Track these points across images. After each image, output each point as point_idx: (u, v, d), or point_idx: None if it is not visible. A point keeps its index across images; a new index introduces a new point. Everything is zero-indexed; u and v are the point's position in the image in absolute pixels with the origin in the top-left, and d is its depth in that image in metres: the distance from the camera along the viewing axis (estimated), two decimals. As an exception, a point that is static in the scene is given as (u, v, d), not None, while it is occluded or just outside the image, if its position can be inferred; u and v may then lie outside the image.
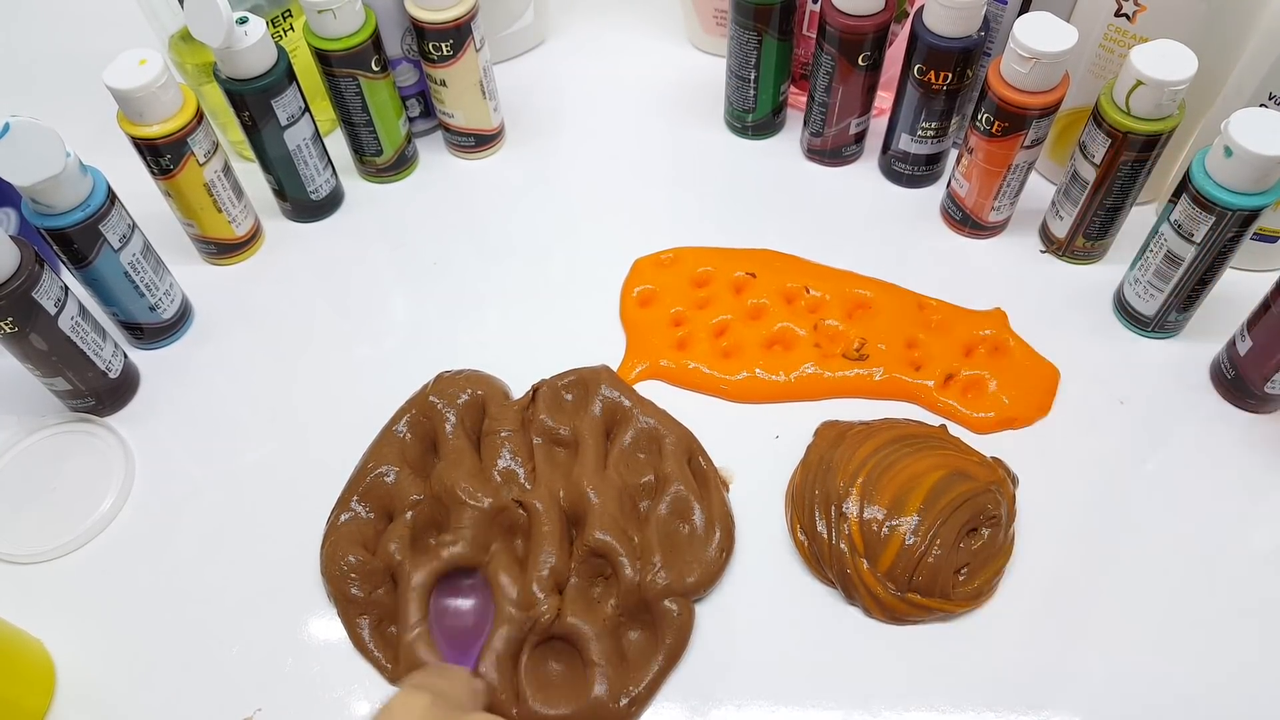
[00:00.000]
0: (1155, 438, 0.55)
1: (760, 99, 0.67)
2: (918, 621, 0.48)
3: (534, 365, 0.57)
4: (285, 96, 0.59)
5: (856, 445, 0.52)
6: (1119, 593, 0.49)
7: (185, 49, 0.62)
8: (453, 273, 0.64)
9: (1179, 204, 0.51)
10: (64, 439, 0.57)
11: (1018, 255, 0.63)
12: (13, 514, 0.54)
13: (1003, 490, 0.50)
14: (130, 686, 0.48)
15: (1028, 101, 0.55)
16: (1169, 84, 0.50)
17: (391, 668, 0.48)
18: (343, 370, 0.59)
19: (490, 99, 0.67)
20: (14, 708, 0.47)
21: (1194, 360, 0.57)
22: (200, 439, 0.57)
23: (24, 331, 0.51)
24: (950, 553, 0.48)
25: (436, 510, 0.51)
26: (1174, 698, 0.46)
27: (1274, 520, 0.52)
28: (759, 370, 0.57)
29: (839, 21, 0.59)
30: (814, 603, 0.50)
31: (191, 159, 0.57)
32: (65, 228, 0.52)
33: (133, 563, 0.52)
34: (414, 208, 0.68)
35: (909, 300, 0.60)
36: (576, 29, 0.79)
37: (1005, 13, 0.59)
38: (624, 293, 0.61)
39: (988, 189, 0.60)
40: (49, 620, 0.50)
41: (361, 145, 0.67)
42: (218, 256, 0.64)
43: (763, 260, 0.62)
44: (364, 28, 0.60)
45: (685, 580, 0.49)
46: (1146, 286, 0.56)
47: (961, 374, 0.56)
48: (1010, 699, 0.47)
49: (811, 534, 0.50)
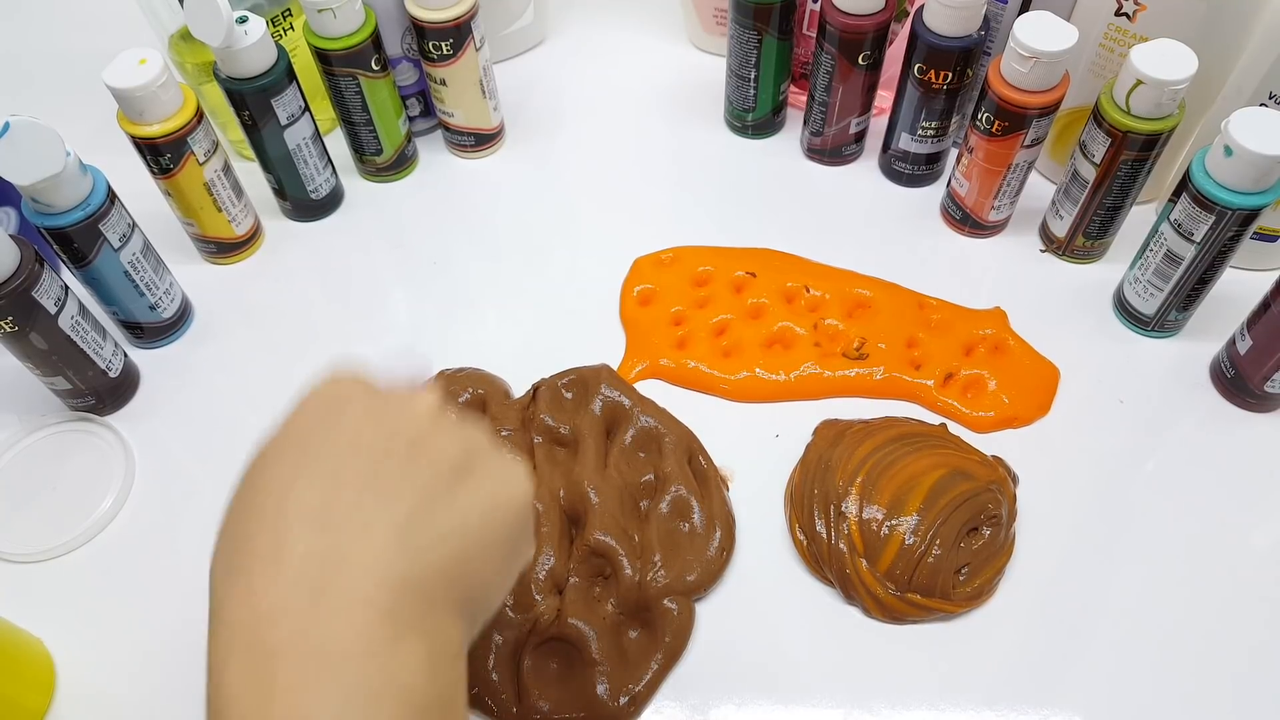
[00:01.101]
0: (1155, 437, 0.55)
1: (760, 98, 0.67)
2: (917, 621, 0.49)
3: (534, 365, 0.57)
4: (285, 96, 0.59)
5: (856, 444, 0.52)
6: (1118, 592, 0.49)
7: (185, 48, 0.62)
8: (452, 272, 0.64)
9: (1179, 203, 0.51)
10: (64, 438, 0.57)
11: (1018, 255, 0.63)
12: (13, 513, 0.54)
13: (1003, 489, 0.50)
14: (130, 686, 0.48)
15: (1028, 101, 0.55)
16: (1169, 83, 0.50)
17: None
18: (343, 369, 0.59)
19: (490, 98, 0.67)
20: (14, 707, 0.47)
21: (1194, 359, 0.57)
22: (200, 438, 0.57)
23: (24, 330, 0.51)
24: (950, 552, 0.48)
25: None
26: (1174, 697, 0.46)
27: (1274, 519, 0.52)
28: (759, 369, 0.57)
29: (839, 21, 0.59)
30: (814, 602, 0.50)
31: (191, 158, 0.57)
32: (65, 227, 0.52)
33: (133, 562, 0.52)
34: (414, 207, 0.68)
35: (909, 299, 0.60)
36: (576, 29, 0.79)
37: (1005, 12, 0.59)
38: (624, 292, 0.61)
39: (988, 188, 0.60)
40: (49, 620, 0.50)
41: (361, 144, 0.67)
42: (218, 256, 0.64)
43: (763, 260, 0.62)
44: (364, 27, 0.60)
45: (685, 579, 0.49)
46: (1146, 286, 0.56)
47: (961, 373, 0.56)
48: (1010, 698, 0.47)
49: (810, 534, 0.50)
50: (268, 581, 0.29)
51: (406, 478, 0.32)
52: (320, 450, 0.33)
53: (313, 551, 0.30)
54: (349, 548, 0.30)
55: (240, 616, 0.29)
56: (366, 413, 0.34)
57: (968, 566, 0.48)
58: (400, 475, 0.32)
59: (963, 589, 0.48)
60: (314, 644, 0.28)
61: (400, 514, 0.31)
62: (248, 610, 0.29)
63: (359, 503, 0.31)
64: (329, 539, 0.30)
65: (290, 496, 0.31)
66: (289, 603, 0.29)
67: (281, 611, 0.29)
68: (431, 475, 0.33)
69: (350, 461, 0.32)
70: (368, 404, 0.34)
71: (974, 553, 0.49)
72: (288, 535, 0.30)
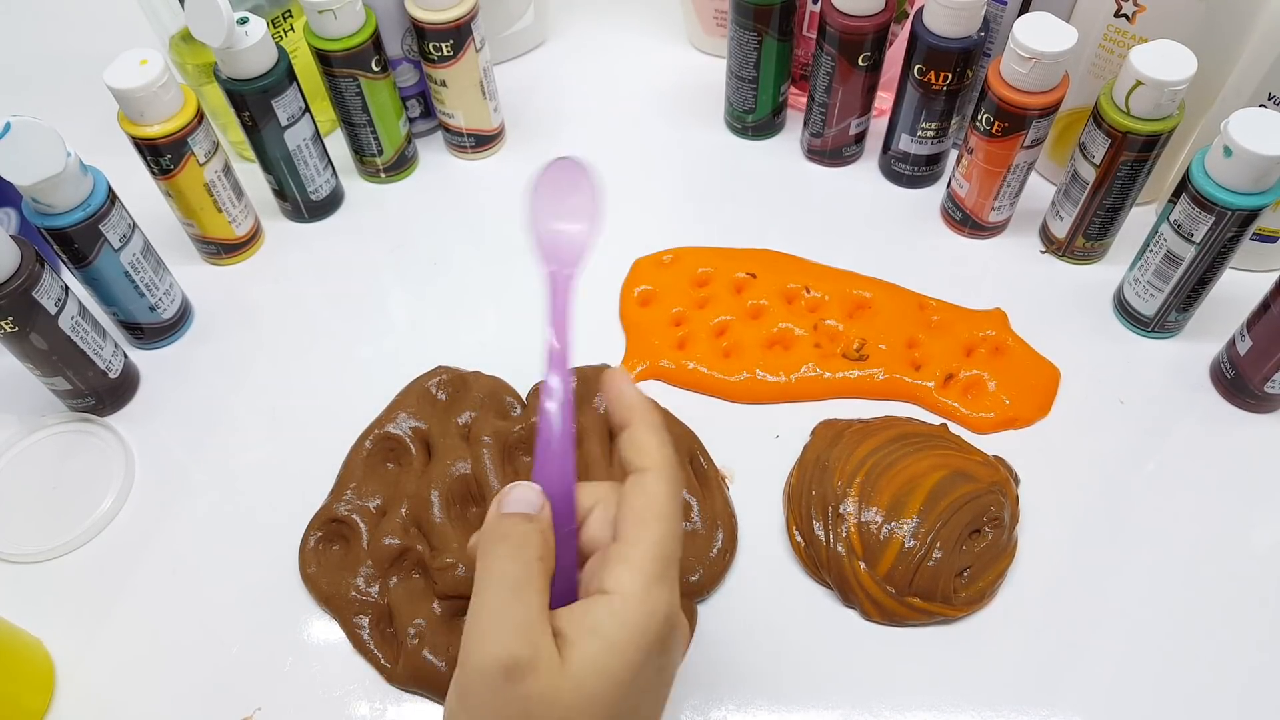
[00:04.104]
0: (1155, 437, 0.55)
1: (760, 99, 0.67)
2: (918, 624, 0.48)
3: (534, 365, 0.57)
4: (285, 97, 0.59)
5: (855, 445, 0.52)
6: (1118, 593, 0.49)
7: (186, 49, 0.62)
8: (452, 273, 0.64)
9: (1179, 204, 0.51)
10: (64, 439, 0.57)
11: (1018, 255, 0.63)
12: (13, 513, 0.54)
13: (1006, 491, 0.50)
14: (130, 686, 0.48)
15: (1028, 102, 0.55)
16: (1168, 84, 0.50)
17: (391, 667, 0.48)
18: (342, 370, 0.59)
19: (490, 99, 0.67)
20: (14, 707, 0.47)
21: (1194, 360, 0.57)
22: (200, 438, 0.57)
23: (24, 331, 0.51)
24: (951, 555, 0.48)
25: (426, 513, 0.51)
26: (1175, 699, 0.46)
27: (1274, 520, 0.52)
28: (759, 370, 0.57)
29: (839, 22, 0.59)
30: (814, 603, 0.49)
31: (192, 159, 0.58)
32: (65, 227, 0.52)
33: (133, 562, 0.52)
34: (414, 208, 0.68)
35: (909, 300, 0.60)
36: (577, 30, 0.79)
37: (1005, 13, 0.59)
38: (624, 293, 0.61)
39: (988, 189, 0.60)
40: (49, 620, 0.50)
41: (361, 145, 0.67)
42: (218, 256, 0.64)
43: (763, 260, 0.62)
44: (364, 28, 0.60)
45: (688, 580, 0.48)
46: (1146, 286, 0.56)
47: (962, 374, 0.56)
48: (1011, 699, 0.46)
49: (808, 536, 0.50)
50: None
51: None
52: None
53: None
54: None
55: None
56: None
57: (969, 569, 0.48)
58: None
59: (964, 592, 0.48)
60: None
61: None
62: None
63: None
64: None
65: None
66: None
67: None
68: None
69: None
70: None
71: (976, 555, 0.48)
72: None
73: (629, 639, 0.31)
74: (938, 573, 0.48)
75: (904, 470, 0.50)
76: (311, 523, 0.52)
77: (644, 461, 0.35)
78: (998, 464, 0.52)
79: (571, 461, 0.35)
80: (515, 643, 0.31)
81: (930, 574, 0.48)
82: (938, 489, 0.49)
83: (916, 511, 0.48)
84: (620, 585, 0.32)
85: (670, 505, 0.34)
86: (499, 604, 0.32)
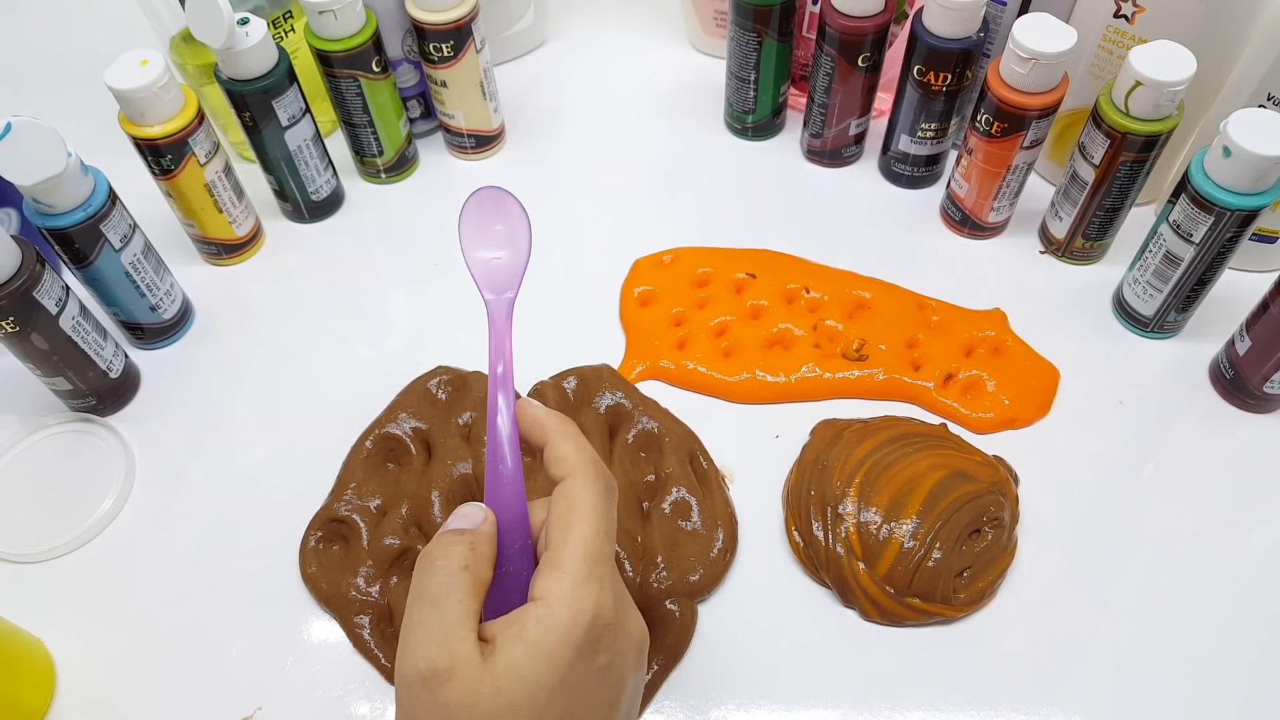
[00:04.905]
0: (1155, 438, 0.55)
1: (760, 100, 0.67)
2: (917, 625, 0.48)
3: (534, 365, 0.57)
4: (286, 97, 0.59)
5: (854, 444, 0.52)
6: (1117, 592, 0.49)
7: (186, 50, 0.62)
8: (453, 273, 0.64)
9: (1178, 204, 0.51)
10: (64, 439, 0.57)
11: (1017, 255, 0.63)
12: (13, 513, 0.54)
13: (1006, 491, 0.50)
14: (130, 686, 0.48)
15: (1027, 102, 0.55)
16: (1168, 84, 0.50)
17: (391, 667, 0.48)
18: (343, 370, 0.59)
19: (491, 100, 0.67)
20: (14, 707, 0.47)
21: (1193, 360, 0.58)
22: (200, 439, 0.57)
23: (25, 331, 0.51)
24: (951, 556, 0.48)
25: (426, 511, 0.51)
26: (1176, 699, 0.46)
27: (1274, 520, 0.52)
28: (759, 371, 0.57)
29: (839, 23, 0.59)
30: (814, 603, 0.49)
31: (192, 159, 0.58)
32: (66, 227, 0.52)
33: (133, 562, 0.52)
34: (414, 208, 0.68)
35: (909, 301, 0.60)
36: (577, 30, 0.79)
37: (1005, 13, 0.59)
38: (624, 293, 0.61)
39: (987, 190, 0.60)
40: (49, 620, 0.50)
41: (362, 146, 0.67)
42: (218, 257, 0.64)
43: (763, 261, 0.62)
44: (365, 29, 0.60)
45: (688, 580, 0.49)
46: (1146, 287, 0.56)
47: (961, 374, 0.57)
48: (1010, 699, 0.46)
49: (807, 536, 0.50)
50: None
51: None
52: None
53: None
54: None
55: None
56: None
57: (969, 570, 0.48)
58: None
59: (964, 592, 0.48)
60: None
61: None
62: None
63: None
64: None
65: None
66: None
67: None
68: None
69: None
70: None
71: (975, 555, 0.48)
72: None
73: (554, 641, 0.32)
74: (937, 573, 0.48)
75: (903, 470, 0.50)
76: (312, 523, 0.52)
77: (564, 469, 0.36)
78: (997, 464, 0.52)
79: (520, 477, 0.36)
80: (431, 651, 0.32)
81: (930, 574, 0.48)
82: (937, 489, 0.49)
83: (916, 512, 0.49)
84: (546, 590, 0.33)
85: (593, 504, 0.35)
86: (417, 616, 0.33)
